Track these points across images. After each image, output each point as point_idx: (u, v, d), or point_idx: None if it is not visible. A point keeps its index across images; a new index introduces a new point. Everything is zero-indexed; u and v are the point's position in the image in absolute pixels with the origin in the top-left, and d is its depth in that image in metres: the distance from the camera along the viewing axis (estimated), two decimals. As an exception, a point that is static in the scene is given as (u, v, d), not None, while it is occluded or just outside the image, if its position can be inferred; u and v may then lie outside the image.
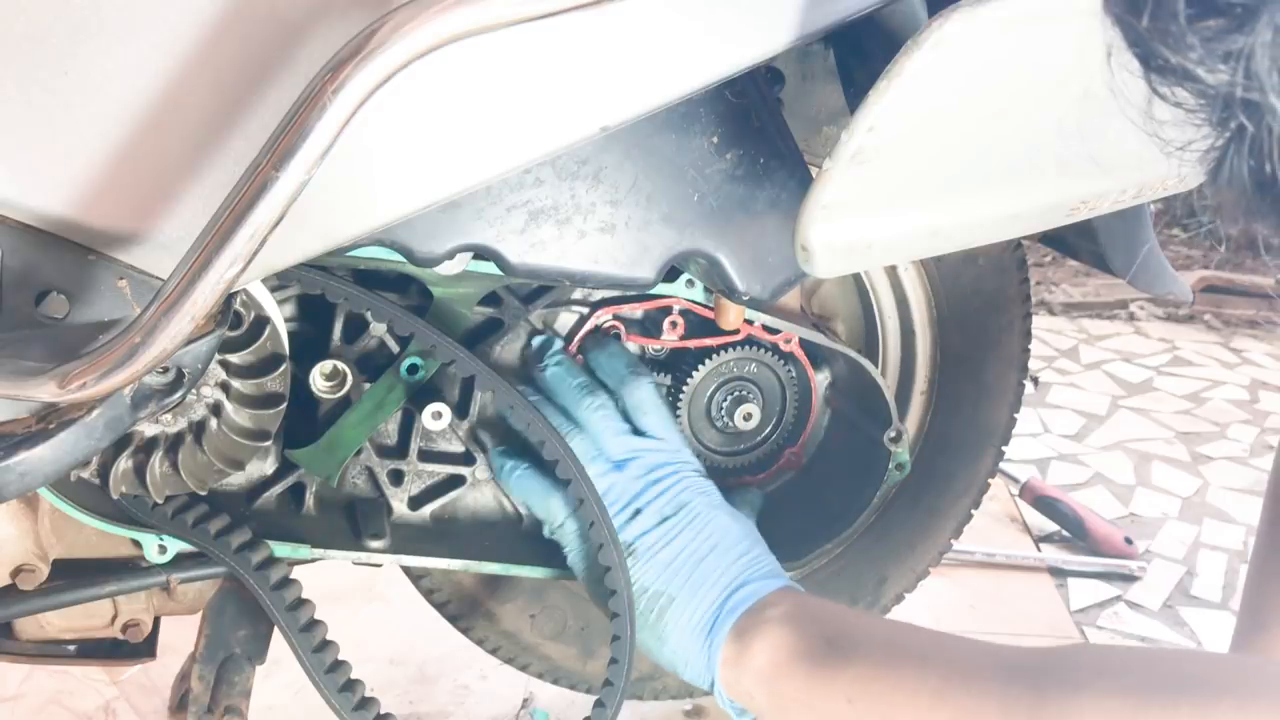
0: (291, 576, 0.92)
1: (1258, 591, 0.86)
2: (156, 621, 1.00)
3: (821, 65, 0.98)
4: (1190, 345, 3.06)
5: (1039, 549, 1.95)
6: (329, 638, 0.92)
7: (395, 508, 1.01)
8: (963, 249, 0.86)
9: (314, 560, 0.96)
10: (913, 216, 0.73)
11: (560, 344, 1.01)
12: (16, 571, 0.88)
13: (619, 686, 0.92)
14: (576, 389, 0.97)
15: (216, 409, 0.83)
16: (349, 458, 0.97)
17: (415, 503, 1.02)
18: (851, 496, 1.12)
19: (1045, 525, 2.01)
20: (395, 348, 0.97)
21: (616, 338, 1.02)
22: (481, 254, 0.79)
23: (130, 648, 1.00)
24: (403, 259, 0.77)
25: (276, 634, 0.94)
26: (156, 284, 0.64)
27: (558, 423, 0.94)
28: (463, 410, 1.00)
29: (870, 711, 0.77)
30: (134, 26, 0.60)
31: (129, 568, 0.93)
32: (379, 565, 0.99)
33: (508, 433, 1.00)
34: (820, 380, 1.13)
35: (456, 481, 1.03)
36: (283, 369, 0.83)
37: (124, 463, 0.82)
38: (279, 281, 0.87)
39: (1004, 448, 1.19)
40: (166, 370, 0.67)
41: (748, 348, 1.07)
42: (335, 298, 0.87)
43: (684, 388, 1.06)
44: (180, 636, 1.03)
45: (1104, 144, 0.74)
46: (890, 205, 0.71)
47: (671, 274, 0.90)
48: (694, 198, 0.80)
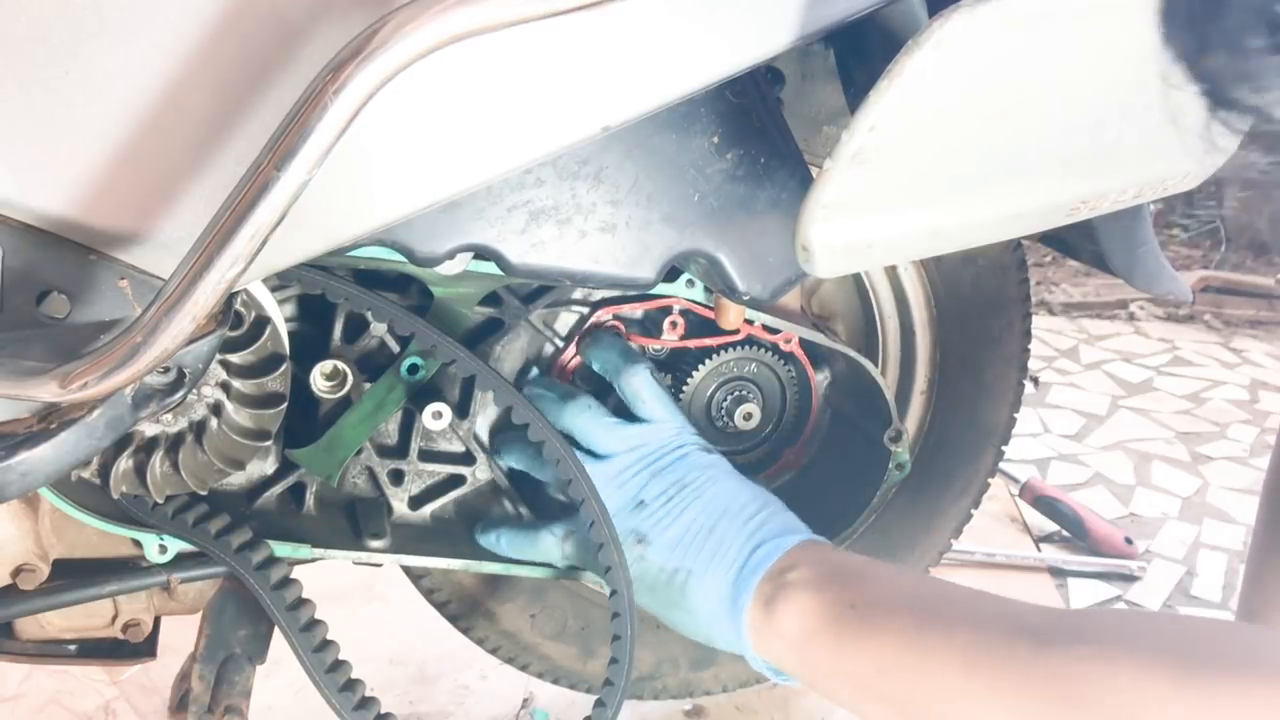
0: (292, 576, 0.92)
1: (1254, 586, 0.86)
2: (157, 621, 1.00)
3: (822, 65, 0.98)
4: (1190, 345, 3.06)
5: (1039, 549, 1.95)
6: (329, 637, 0.92)
7: (395, 507, 1.01)
8: (963, 249, 0.86)
9: (314, 560, 0.96)
10: (913, 216, 0.73)
11: (535, 370, 1.02)
12: (17, 571, 0.88)
13: (619, 686, 0.92)
14: (557, 399, 0.97)
15: (217, 409, 0.83)
16: (349, 457, 0.97)
17: (415, 502, 1.02)
18: (851, 496, 1.12)
19: (1045, 525, 2.01)
20: (396, 347, 0.97)
21: (612, 331, 1.03)
22: (482, 254, 0.79)
23: (130, 648, 1.00)
24: (403, 259, 0.78)
25: (277, 634, 0.94)
26: (158, 284, 0.64)
27: None
28: (463, 410, 1.00)
29: (901, 681, 0.76)
30: (135, 26, 0.60)
31: (129, 567, 0.93)
32: (379, 565, 0.99)
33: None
34: (820, 380, 1.14)
35: (457, 481, 1.03)
36: (283, 369, 0.83)
37: (125, 462, 0.82)
38: (280, 281, 0.87)
39: (1004, 448, 1.19)
40: (167, 370, 0.67)
41: (748, 347, 1.07)
42: (336, 298, 0.87)
43: (684, 388, 1.06)
44: (180, 636, 1.03)
45: (1104, 144, 0.74)
46: (890, 205, 0.71)
47: (672, 274, 0.90)
48: (694, 197, 0.80)
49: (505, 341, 1.01)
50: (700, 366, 1.05)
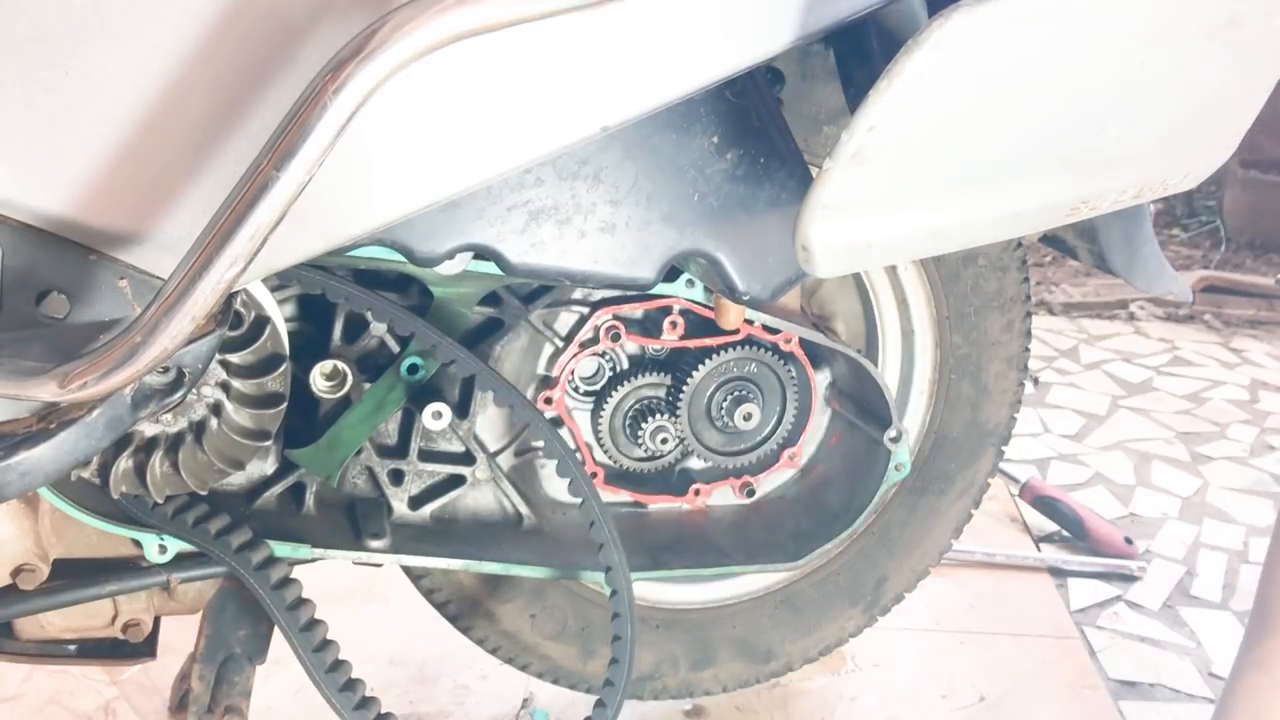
0: (292, 576, 0.92)
1: (1269, 594, 0.84)
2: (156, 621, 1.00)
3: (821, 65, 0.98)
4: (1190, 345, 3.06)
5: (1039, 549, 1.95)
6: (329, 637, 0.92)
7: (395, 507, 1.01)
8: (963, 249, 0.86)
9: (314, 560, 0.96)
10: (913, 216, 0.73)
11: None
12: (17, 571, 0.88)
13: (619, 686, 0.92)
14: None
15: (217, 409, 0.83)
16: (349, 457, 0.97)
17: (415, 502, 1.02)
18: (851, 497, 1.12)
19: (1045, 525, 2.00)
20: (395, 347, 0.97)
21: None
22: (482, 254, 0.79)
23: (130, 648, 1.00)
24: (403, 259, 0.78)
25: (277, 634, 0.94)
26: (157, 284, 0.64)
27: None
28: (463, 410, 1.00)
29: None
30: (135, 26, 0.60)
31: (129, 567, 0.93)
32: (379, 565, 0.99)
33: None
34: (820, 380, 1.14)
35: (456, 481, 1.03)
36: (283, 369, 0.83)
37: (124, 462, 0.82)
38: (279, 281, 0.87)
39: (1004, 448, 1.20)
40: (167, 370, 0.67)
41: (748, 348, 1.07)
42: (335, 298, 0.87)
43: (684, 387, 1.06)
44: (180, 636, 1.03)
45: (1104, 143, 0.74)
46: (890, 205, 0.71)
47: (672, 274, 0.90)
48: (694, 197, 0.80)
49: (505, 341, 1.01)
50: (700, 366, 1.05)
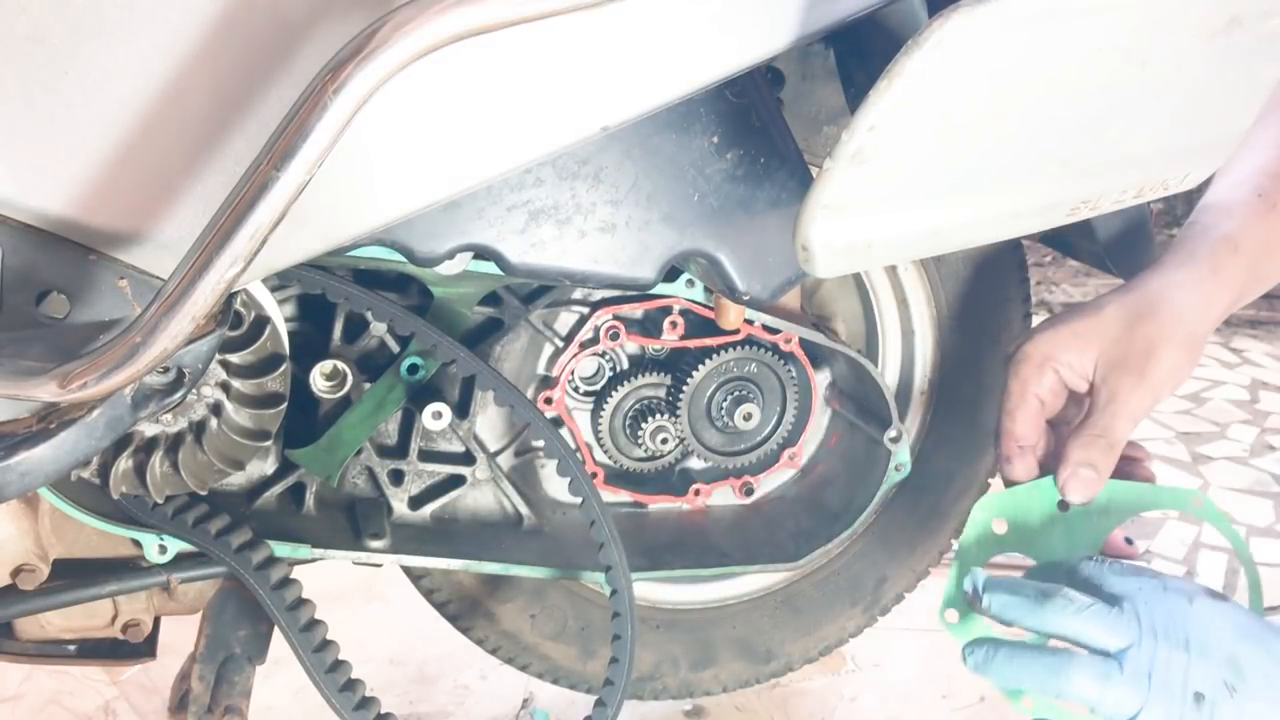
0: (292, 576, 0.92)
1: None
2: (156, 621, 1.00)
3: (822, 65, 0.98)
4: (1190, 345, 3.05)
5: (1039, 549, 1.95)
6: (329, 638, 0.92)
7: (395, 507, 1.01)
8: (963, 249, 0.86)
9: (314, 560, 0.96)
10: (913, 216, 0.73)
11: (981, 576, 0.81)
12: (17, 571, 0.88)
13: (620, 686, 0.92)
14: (1031, 602, 0.79)
15: (217, 409, 0.83)
16: (349, 457, 0.97)
17: (415, 503, 1.02)
18: (852, 497, 1.12)
19: (1045, 525, 2.01)
20: (395, 347, 0.97)
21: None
22: (482, 254, 0.79)
23: (130, 648, 1.00)
24: (403, 259, 0.77)
25: (277, 634, 0.94)
26: (157, 284, 0.64)
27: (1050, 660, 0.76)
28: (463, 410, 1.00)
29: None
30: (135, 26, 0.60)
31: (129, 567, 0.93)
32: (379, 565, 0.99)
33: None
34: (820, 380, 1.13)
35: (456, 481, 1.03)
36: (283, 369, 0.83)
37: (124, 462, 0.82)
38: (279, 281, 0.87)
39: (1004, 448, 1.19)
40: (167, 370, 0.67)
41: (748, 348, 1.07)
42: (336, 298, 0.87)
43: (684, 387, 1.06)
44: (180, 636, 1.03)
45: (1104, 143, 0.74)
46: (890, 205, 0.71)
47: (672, 274, 0.90)
48: (694, 197, 0.80)
49: (505, 341, 1.01)
50: (700, 366, 1.05)
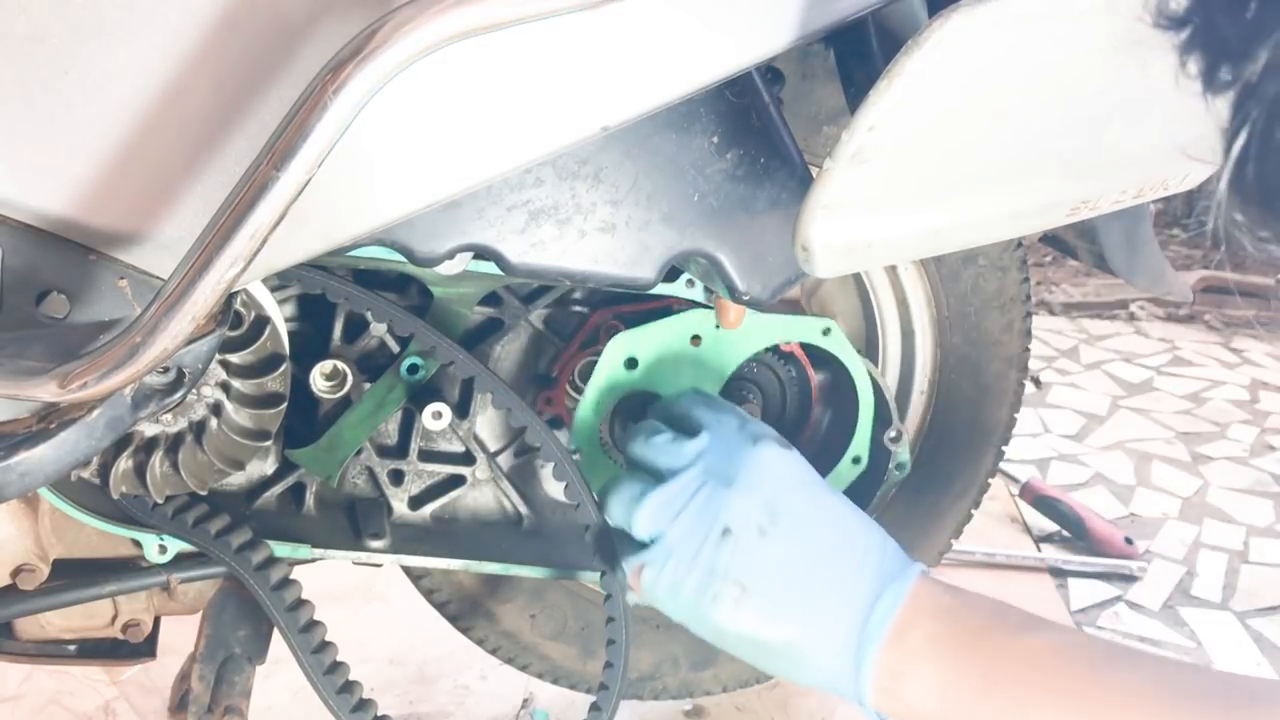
0: (291, 576, 0.92)
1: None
2: (156, 621, 1.00)
3: (822, 65, 0.98)
4: (1190, 345, 3.06)
5: (1039, 549, 1.95)
6: (328, 638, 0.92)
7: (395, 507, 1.01)
8: (963, 249, 0.86)
9: (314, 560, 0.96)
10: (913, 216, 0.73)
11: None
12: (17, 571, 0.88)
13: (614, 690, 0.92)
14: (633, 436, 0.86)
15: (217, 409, 0.83)
16: (349, 458, 0.97)
17: (415, 503, 1.02)
18: (851, 496, 1.12)
19: (1045, 525, 2.01)
20: (395, 347, 0.97)
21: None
22: (482, 254, 0.79)
23: (130, 648, 1.00)
24: (403, 259, 0.77)
25: (277, 634, 0.94)
26: (157, 284, 0.64)
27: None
28: (463, 410, 1.00)
29: None
30: (135, 26, 0.60)
31: (129, 567, 0.93)
32: (379, 565, 0.99)
33: None
34: (820, 380, 1.13)
35: (457, 481, 1.03)
36: (283, 369, 0.83)
37: (124, 462, 0.82)
38: (279, 281, 0.87)
39: (1004, 448, 1.19)
40: (167, 370, 0.67)
41: (748, 348, 1.06)
42: (335, 298, 0.87)
43: (684, 388, 1.06)
44: (180, 636, 1.03)
45: (1104, 144, 0.74)
46: (891, 205, 0.71)
47: (672, 274, 0.90)
48: (694, 197, 0.80)
49: (505, 341, 1.01)
50: (700, 366, 1.05)
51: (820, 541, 0.79)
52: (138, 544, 0.91)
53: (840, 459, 1.07)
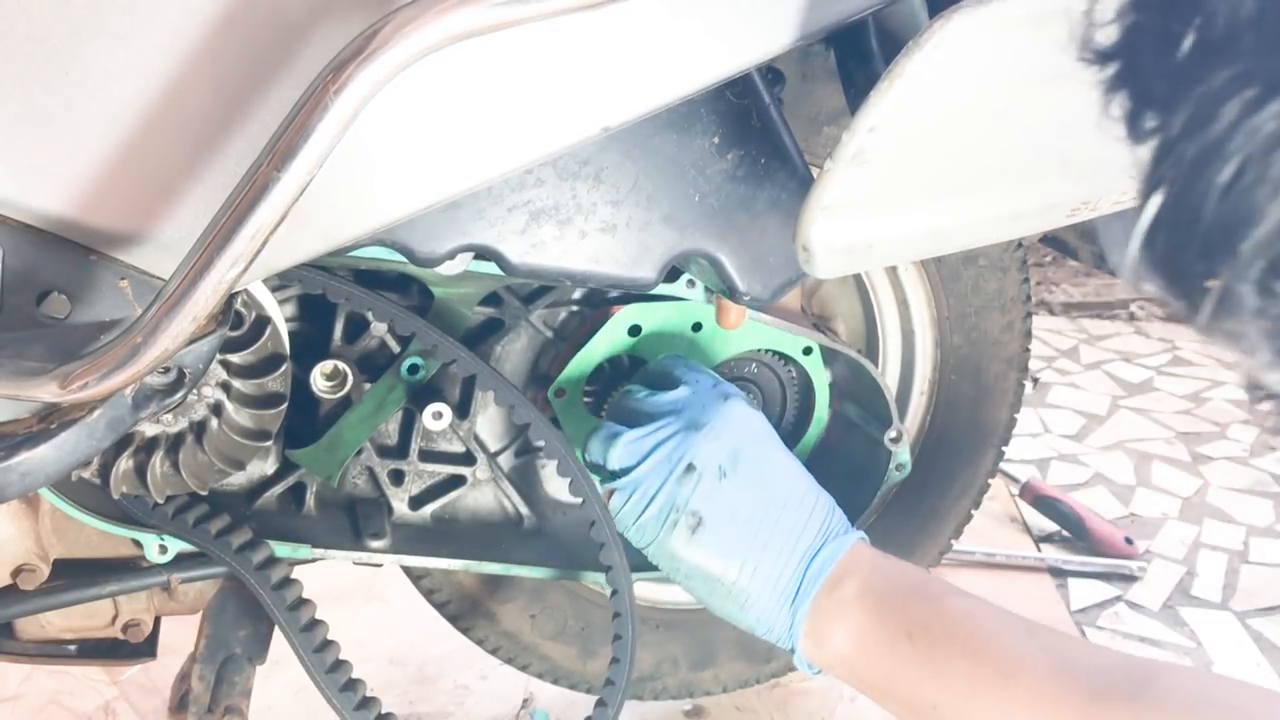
0: (292, 576, 0.92)
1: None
2: (157, 621, 1.00)
3: (822, 65, 0.98)
4: (1190, 345, 3.06)
5: (1039, 549, 1.95)
6: (329, 638, 0.92)
7: (396, 508, 1.01)
8: (963, 249, 0.86)
9: (314, 560, 0.96)
10: (913, 217, 0.73)
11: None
12: (17, 571, 0.88)
13: (620, 686, 0.92)
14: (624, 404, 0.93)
15: (217, 409, 0.83)
16: (350, 458, 0.97)
17: (416, 503, 1.02)
18: (852, 497, 1.12)
19: (1045, 525, 2.01)
20: (396, 348, 0.97)
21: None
22: (483, 254, 0.79)
23: (130, 648, 1.00)
24: (404, 259, 0.78)
25: (277, 634, 0.94)
26: (158, 284, 0.64)
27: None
28: (463, 410, 1.00)
29: None
30: (135, 26, 0.60)
31: (129, 567, 0.93)
32: (379, 565, 0.99)
33: None
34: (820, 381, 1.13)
35: (457, 481, 1.03)
36: (283, 369, 0.83)
37: (125, 463, 0.82)
38: (280, 281, 0.87)
39: (1004, 448, 1.20)
40: (168, 370, 0.67)
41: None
42: (336, 298, 0.87)
43: (684, 388, 1.06)
44: (180, 636, 1.03)
45: (1105, 144, 0.74)
46: (891, 206, 0.71)
47: (672, 274, 0.90)
48: (695, 198, 0.80)
49: (505, 341, 1.01)
50: (700, 367, 1.05)
51: (774, 491, 0.87)
52: (138, 544, 0.91)
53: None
